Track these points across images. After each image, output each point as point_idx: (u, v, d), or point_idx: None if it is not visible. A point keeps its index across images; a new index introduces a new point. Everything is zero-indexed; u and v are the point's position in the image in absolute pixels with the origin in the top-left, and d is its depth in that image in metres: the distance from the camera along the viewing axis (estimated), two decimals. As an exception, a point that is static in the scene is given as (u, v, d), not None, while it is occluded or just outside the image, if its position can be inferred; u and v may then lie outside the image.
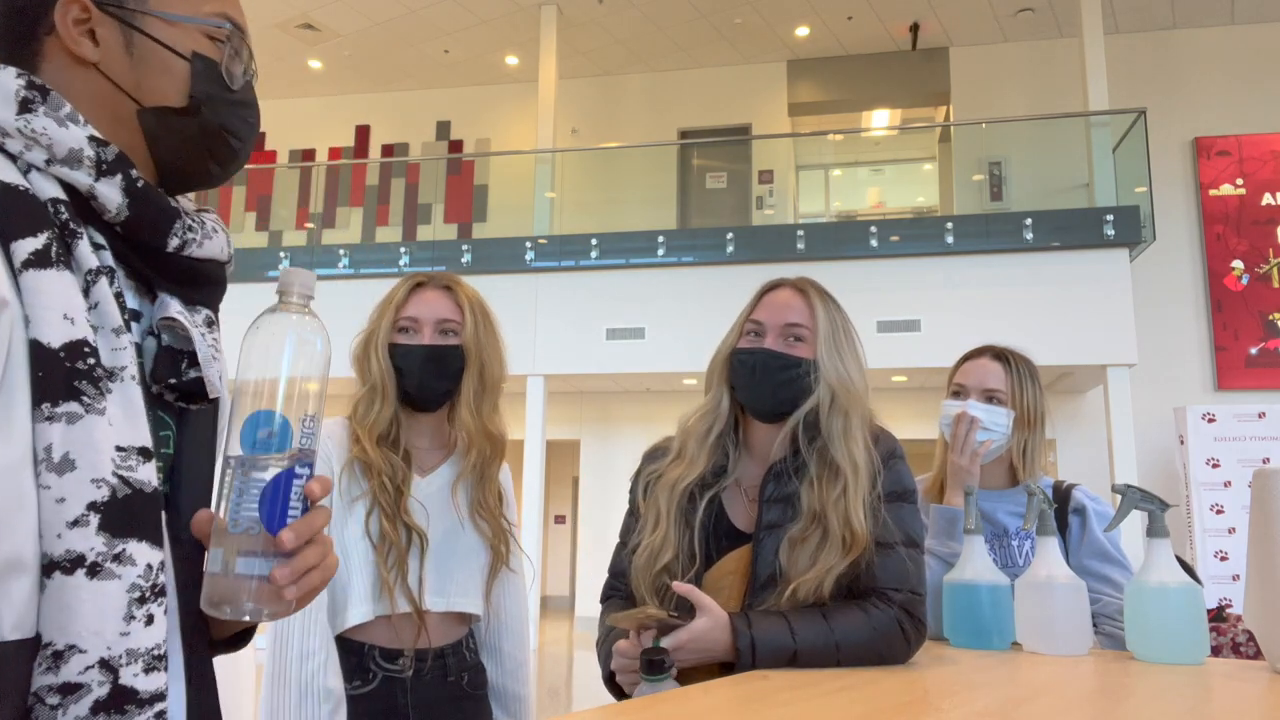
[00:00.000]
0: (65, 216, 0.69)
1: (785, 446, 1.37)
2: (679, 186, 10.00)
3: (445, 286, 1.59)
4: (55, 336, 0.65)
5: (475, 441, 1.55)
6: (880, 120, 10.69)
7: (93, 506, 0.64)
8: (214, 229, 0.81)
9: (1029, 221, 7.72)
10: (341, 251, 9.21)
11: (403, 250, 9.25)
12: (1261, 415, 7.66)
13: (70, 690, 0.62)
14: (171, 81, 0.78)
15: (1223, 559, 7.44)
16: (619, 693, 1.32)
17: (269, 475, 0.72)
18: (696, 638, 1.21)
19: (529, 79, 10.16)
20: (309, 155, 11.38)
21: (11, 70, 0.72)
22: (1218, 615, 4.16)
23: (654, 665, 1.15)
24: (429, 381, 1.52)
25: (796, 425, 1.35)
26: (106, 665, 0.64)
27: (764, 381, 1.36)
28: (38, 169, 0.70)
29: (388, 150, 11.33)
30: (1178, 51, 9.30)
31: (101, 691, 0.63)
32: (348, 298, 8.58)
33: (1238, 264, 8.73)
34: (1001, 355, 1.84)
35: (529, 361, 8.37)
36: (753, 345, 1.38)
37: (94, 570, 0.64)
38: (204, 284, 0.81)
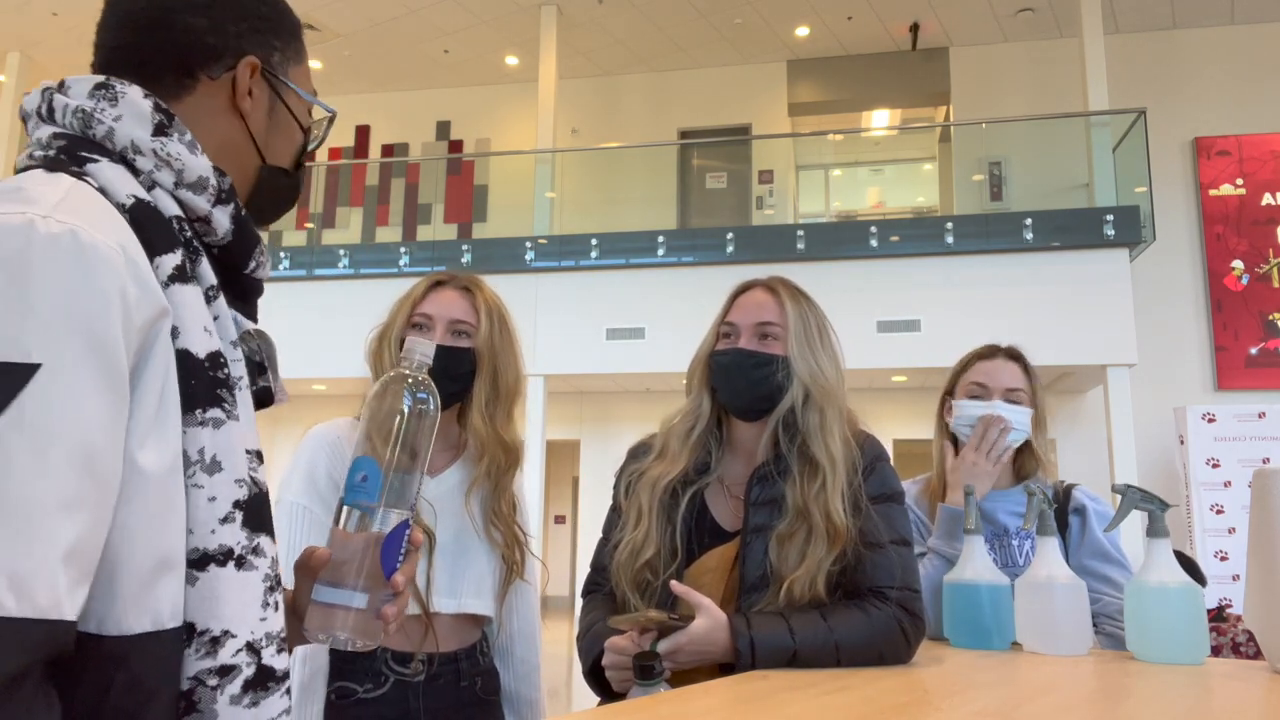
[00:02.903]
0: (189, 234, 0.75)
1: (769, 449, 1.39)
2: (679, 186, 9.99)
3: (464, 287, 1.56)
4: (200, 347, 0.71)
5: (488, 449, 1.51)
6: (880, 120, 10.68)
7: (237, 504, 0.72)
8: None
9: (1029, 221, 7.72)
10: (341, 252, 9.21)
11: (403, 250, 9.24)
12: (1261, 415, 7.66)
13: (226, 672, 0.69)
14: (289, 148, 0.90)
15: (1223, 559, 7.44)
16: (600, 687, 1.33)
17: (392, 527, 0.82)
18: (696, 639, 1.22)
19: (529, 79, 10.16)
20: (309, 155, 11.36)
21: (139, 89, 0.77)
22: (1218, 615, 4.16)
23: (645, 670, 1.15)
24: (435, 382, 1.50)
25: (777, 425, 1.37)
26: (251, 648, 0.71)
27: (739, 380, 1.38)
28: (163, 188, 0.75)
29: (388, 150, 11.32)
30: (1178, 51, 9.30)
31: (249, 672, 0.70)
32: (348, 298, 8.64)
33: (1238, 264, 8.73)
34: (1017, 355, 1.85)
35: (529, 361, 8.30)
36: (727, 347, 1.40)
37: (240, 562, 0.71)
38: (254, 300, 0.88)
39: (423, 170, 10.96)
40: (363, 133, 11.45)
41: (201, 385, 0.71)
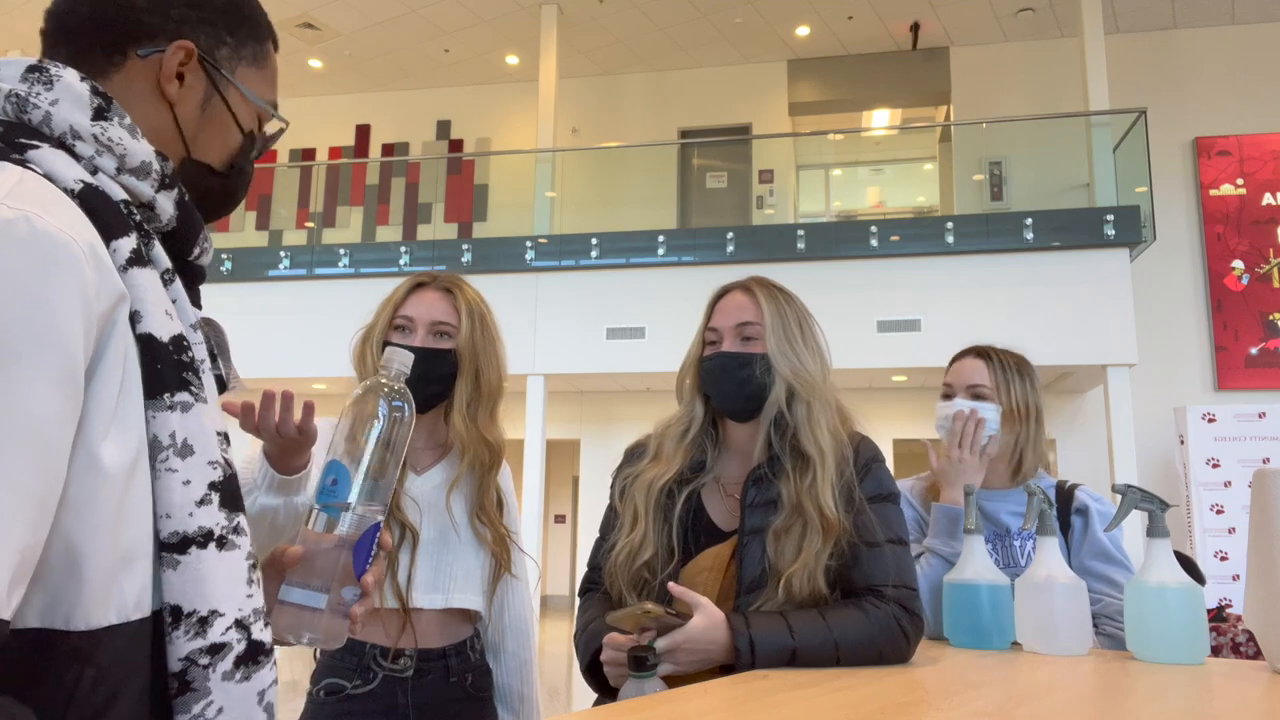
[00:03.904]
0: (138, 218, 0.73)
1: (764, 450, 1.41)
2: (679, 186, 9.99)
3: (445, 288, 1.58)
4: (163, 331, 0.70)
5: (470, 448, 1.54)
6: (880, 120, 10.68)
7: (212, 486, 0.71)
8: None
9: (1029, 221, 7.72)
10: (341, 251, 9.20)
11: (403, 250, 9.24)
12: (1261, 415, 7.66)
13: (217, 650, 0.70)
14: (223, 147, 0.85)
15: (1223, 559, 7.44)
16: (598, 683, 1.34)
17: (360, 529, 0.84)
18: (693, 638, 1.22)
19: (529, 79, 10.16)
20: (309, 155, 11.38)
21: (74, 72, 0.74)
22: (1218, 615, 4.16)
23: (639, 662, 1.16)
24: (416, 384, 1.50)
25: (770, 425, 1.39)
26: (240, 624, 0.72)
27: (726, 383, 1.40)
28: (105, 174, 0.73)
29: (388, 150, 11.32)
30: (1178, 51, 9.30)
31: (240, 648, 0.71)
32: (348, 297, 8.64)
33: (1238, 264, 8.73)
34: (984, 353, 1.86)
35: (529, 361, 8.37)
36: (713, 352, 1.43)
37: (222, 543, 0.71)
38: (197, 287, 0.86)
39: (423, 170, 10.96)
40: (363, 132, 11.45)
41: (168, 369, 0.70)
